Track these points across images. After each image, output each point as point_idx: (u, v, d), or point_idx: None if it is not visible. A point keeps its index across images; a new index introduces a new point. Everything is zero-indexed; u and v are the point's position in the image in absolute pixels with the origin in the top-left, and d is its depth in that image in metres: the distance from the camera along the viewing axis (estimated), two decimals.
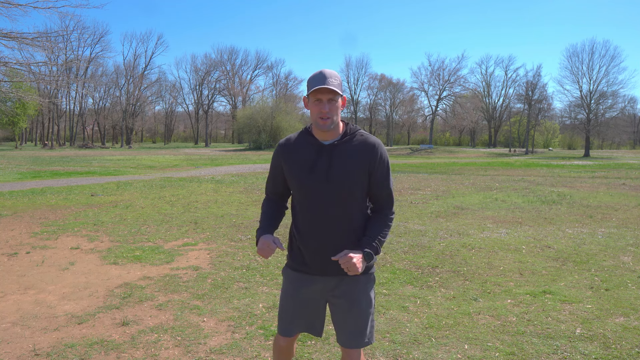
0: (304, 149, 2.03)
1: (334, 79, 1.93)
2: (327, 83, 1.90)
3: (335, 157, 1.99)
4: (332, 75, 1.94)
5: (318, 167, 1.98)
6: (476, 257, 5.78)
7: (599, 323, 3.71)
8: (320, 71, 1.96)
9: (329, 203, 1.98)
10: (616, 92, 57.86)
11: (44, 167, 23.19)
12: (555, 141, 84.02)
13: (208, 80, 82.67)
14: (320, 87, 1.90)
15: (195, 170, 21.81)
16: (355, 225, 2.03)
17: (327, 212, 1.99)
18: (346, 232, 2.01)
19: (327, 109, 1.93)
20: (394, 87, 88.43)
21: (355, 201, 2.02)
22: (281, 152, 2.09)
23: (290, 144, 2.08)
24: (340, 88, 1.96)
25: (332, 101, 1.94)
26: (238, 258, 5.71)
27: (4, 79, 16.78)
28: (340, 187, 1.97)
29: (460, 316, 3.85)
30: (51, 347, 3.24)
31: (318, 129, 1.99)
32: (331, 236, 2.00)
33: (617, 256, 5.87)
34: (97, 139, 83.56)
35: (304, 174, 2.00)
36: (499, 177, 19.07)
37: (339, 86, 1.94)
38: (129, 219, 8.33)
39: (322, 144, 2.01)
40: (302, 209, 2.06)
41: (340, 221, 2.00)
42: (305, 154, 2.02)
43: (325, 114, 1.94)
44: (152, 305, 4.10)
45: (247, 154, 44.75)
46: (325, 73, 1.94)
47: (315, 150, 2.01)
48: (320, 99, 1.94)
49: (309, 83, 1.97)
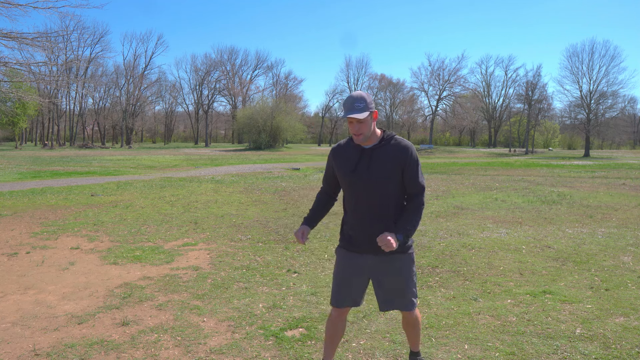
0: (349, 152, 2.53)
1: (360, 102, 2.36)
2: (353, 110, 2.36)
3: (374, 158, 2.45)
4: (358, 100, 2.37)
5: (359, 166, 2.46)
6: (476, 257, 5.78)
7: (599, 323, 3.71)
8: (349, 97, 2.41)
9: (369, 195, 2.45)
10: (616, 92, 57.89)
11: (44, 167, 23.19)
12: (555, 141, 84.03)
13: (208, 80, 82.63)
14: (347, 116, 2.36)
15: (195, 170, 21.81)
16: (391, 212, 2.47)
17: (368, 202, 2.46)
18: (384, 219, 2.46)
19: (356, 128, 2.41)
20: (394, 87, 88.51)
21: (390, 194, 2.46)
22: (332, 155, 2.62)
23: (340, 148, 2.60)
24: (368, 108, 2.37)
25: (360, 122, 2.39)
26: (238, 258, 5.71)
27: (4, 79, 16.79)
28: (376, 182, 2.43)
29: (460, 316, 3.85)
30: (51, 347, 3.24)
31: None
32: (372, 222, 2.46)
33: (617, 256, 5.87)
34: (97, 139, 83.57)
35: (348, 173, 2.49)
36: (499, 177, 19.07)
37: (364, 108, 2.36)
38: (129, 219, 8.33)
39: (364, 148, 2.49)
40: (349, 201, 2.56)
41: (378, 210, 2.46)
42: (350, 157, 2.51)
43: (356, 131, 2.42)
44: (152, 305, 4.10)
45: (247, 154, 44.75)
46: (353, 97, 2.39)
47: (358, 153, 2.49)
48: (351, 121, 2.41)
49: (342, 106, 2.45)
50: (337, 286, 2.62)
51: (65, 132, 75.36)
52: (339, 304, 2.61)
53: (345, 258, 2.60)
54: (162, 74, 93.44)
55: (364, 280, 2.60)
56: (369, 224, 2.48)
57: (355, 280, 2.58)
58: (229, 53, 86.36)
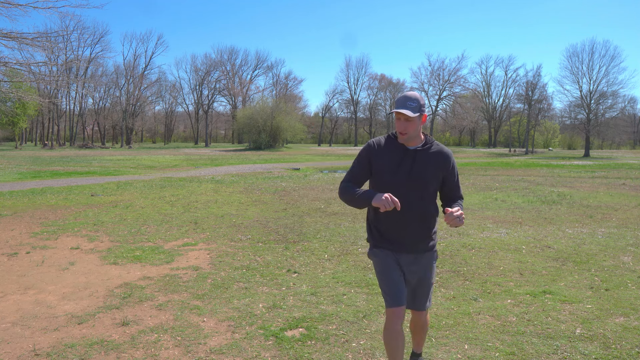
0: (392, 151, 2.49)
1: (412, 102, 2.38)
2: (405, 106, 2.37)
3: (418, 160, 2.47)
4: (412, 99, 2.39)
5: (403, 166, 2.45)
6: (476, 257, 5.78)
7: (599, 323, 3.71)
8: (404, 94, 2.42)
9: (410, 195, 2.44)
10: (616, 92, 57.85)
11: (44, 167, 23.19)
12: (555, 141, 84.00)
13: (208, 80, 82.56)
14: (396, 110, 2.37)
15: (195, 170, 21.81)
16: (428, 214, 2.51)
17: (408, 202, 2.42)
18: (421, 220, 2.49)
19: (403, 126, 2.41)
20: (394, 87, 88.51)
21: (428, 195, 2.50)
22: (371, 151, 2.53)
23: (380, 145, 2.54)
24: (420, 109, 2.39)
25: (408, 121, 2.39)
26: (238, 258, 5.71)
27: (4, 79, 16.79)
28: (418, 183, 2.45)
29: (460, 316, 3.85)
30: (51, 347, 3.24)
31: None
32: (409, 222, 2.48)
33: (617, 256, 5.87)
34: (97, 139, 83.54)
35: (391, 171, 2.46)
36: (499, 177, 19.07)
37: (416, 108, 2.37)
38: (129, 219, 8.33)
39: (407, 149, 2.48)
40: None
41: (416, 210, 2.47)
42: (393, 156, 2.48)
43: (402, 130, 2.42)
44: (152, 305, 4.10)
45: (247, 154, 44.75)
46: (406, 96, 2.40)
47: (402, 152, 2.48)
48: (399, 118, 2.41)
49: (395, 102, 2.46)
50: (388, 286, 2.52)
51: (65, 132, 75.34)
52: (398, 302, 2.49)
53: (382, 255, 2.55)
54: (162, 74, 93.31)
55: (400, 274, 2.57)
56: (407, 224, 2.48)
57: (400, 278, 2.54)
58: (229, 53, 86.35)
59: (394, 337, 2.49)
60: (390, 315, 2.50)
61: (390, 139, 2.55)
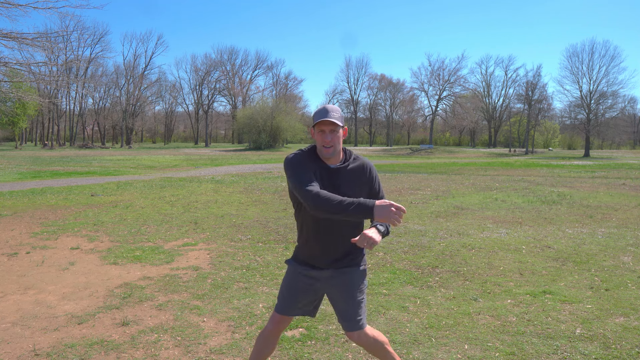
0: (316, 170, 2.27)
1: (335, 113, 2.24)
2: (328, 116, 2.21)
3: (342, 178, 2.30)
4: (334, 110, 2.25)
5: (327, 187, 2.22)
6: (476, 257, 5.78)
7: (599, 323, 3.71)
8: (323, 106, 2.28)
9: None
10: (616, 92, 57.98)
11: (44, 167, 23.18)
12: (555, 141, 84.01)
13: (208, 80, 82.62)
14: (322, 119, 2.21)
15: (195, 171, 21.81)
16: (354, 229, 2.35)
17: (332, 221, 2.27)
18: (347, 236, 2.32)
19: (329, 138, 2.24)
20: (394, 87, 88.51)
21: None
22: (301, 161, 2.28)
23: (306, 160, 2.29)
24: (341, 121, 2.27)
25: (333, 132, 2.24)
26: (238, 258, 5.71)
27: (4, 79, 16.78)
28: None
29: (460, 316, 3.85)
30: (51, 347, 3.24)
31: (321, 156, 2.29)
32: (334, 238, 2.34)
33: (617, 256, 5.87)
34: (97, 139, 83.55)
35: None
36: (499, 177, 19.07)
37: (339, 119, 2.25)
38: (129, 219, 8.33)
39: (330, 168, 2.30)
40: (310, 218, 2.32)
41: (342, 227, 2.32)
42: (317, 174, 2.25)
43: (328, 142, 2.24)
44: (152, 305, 4.10)
45: (247, 154, 44.75)
46: (327, 108, 2.26)
47: (326, 171, 2.28)
48: (324, 130, 2.24)
49: (314, 116, 2.30)
50: (286, 294, 2.45)
51: (65, 132, 75.35)
52: (287, 312, 2.45)
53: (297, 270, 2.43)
54: (162, 74, 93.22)
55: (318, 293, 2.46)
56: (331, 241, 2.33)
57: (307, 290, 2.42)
58: (229, 53, 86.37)
59: (264, 341, 2.47)
60: (273, 319, 2.45)
61: (311, 155, 2.31)
